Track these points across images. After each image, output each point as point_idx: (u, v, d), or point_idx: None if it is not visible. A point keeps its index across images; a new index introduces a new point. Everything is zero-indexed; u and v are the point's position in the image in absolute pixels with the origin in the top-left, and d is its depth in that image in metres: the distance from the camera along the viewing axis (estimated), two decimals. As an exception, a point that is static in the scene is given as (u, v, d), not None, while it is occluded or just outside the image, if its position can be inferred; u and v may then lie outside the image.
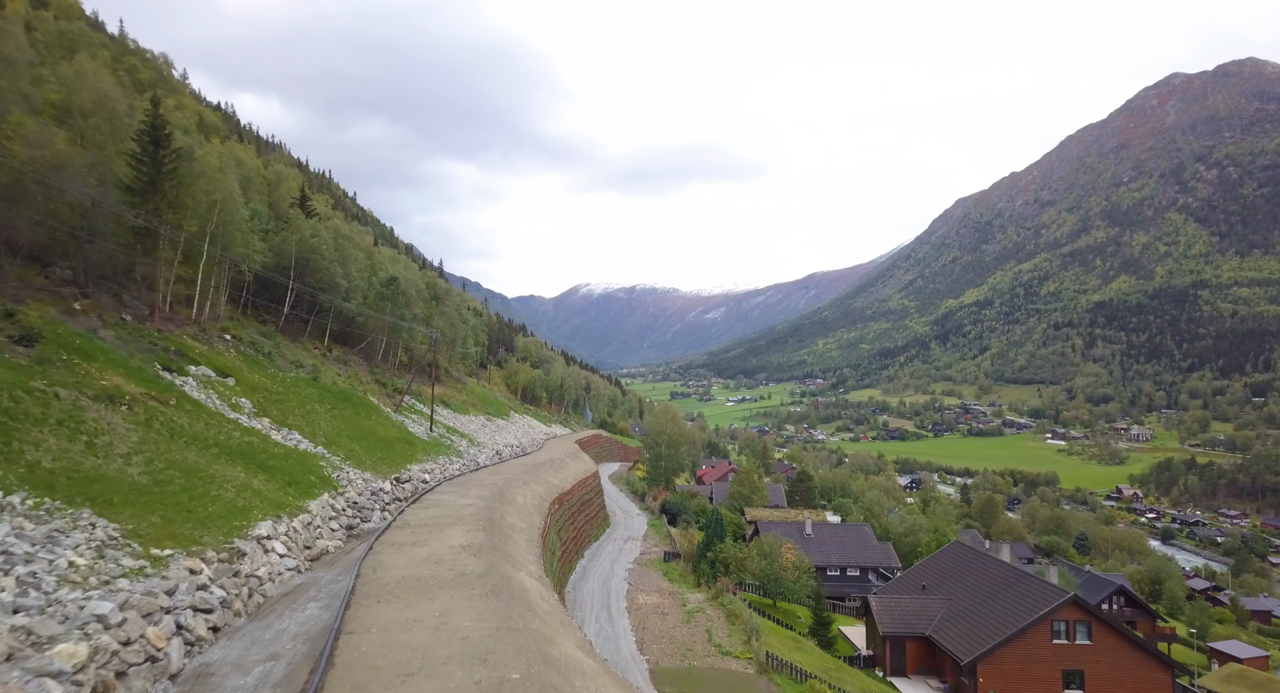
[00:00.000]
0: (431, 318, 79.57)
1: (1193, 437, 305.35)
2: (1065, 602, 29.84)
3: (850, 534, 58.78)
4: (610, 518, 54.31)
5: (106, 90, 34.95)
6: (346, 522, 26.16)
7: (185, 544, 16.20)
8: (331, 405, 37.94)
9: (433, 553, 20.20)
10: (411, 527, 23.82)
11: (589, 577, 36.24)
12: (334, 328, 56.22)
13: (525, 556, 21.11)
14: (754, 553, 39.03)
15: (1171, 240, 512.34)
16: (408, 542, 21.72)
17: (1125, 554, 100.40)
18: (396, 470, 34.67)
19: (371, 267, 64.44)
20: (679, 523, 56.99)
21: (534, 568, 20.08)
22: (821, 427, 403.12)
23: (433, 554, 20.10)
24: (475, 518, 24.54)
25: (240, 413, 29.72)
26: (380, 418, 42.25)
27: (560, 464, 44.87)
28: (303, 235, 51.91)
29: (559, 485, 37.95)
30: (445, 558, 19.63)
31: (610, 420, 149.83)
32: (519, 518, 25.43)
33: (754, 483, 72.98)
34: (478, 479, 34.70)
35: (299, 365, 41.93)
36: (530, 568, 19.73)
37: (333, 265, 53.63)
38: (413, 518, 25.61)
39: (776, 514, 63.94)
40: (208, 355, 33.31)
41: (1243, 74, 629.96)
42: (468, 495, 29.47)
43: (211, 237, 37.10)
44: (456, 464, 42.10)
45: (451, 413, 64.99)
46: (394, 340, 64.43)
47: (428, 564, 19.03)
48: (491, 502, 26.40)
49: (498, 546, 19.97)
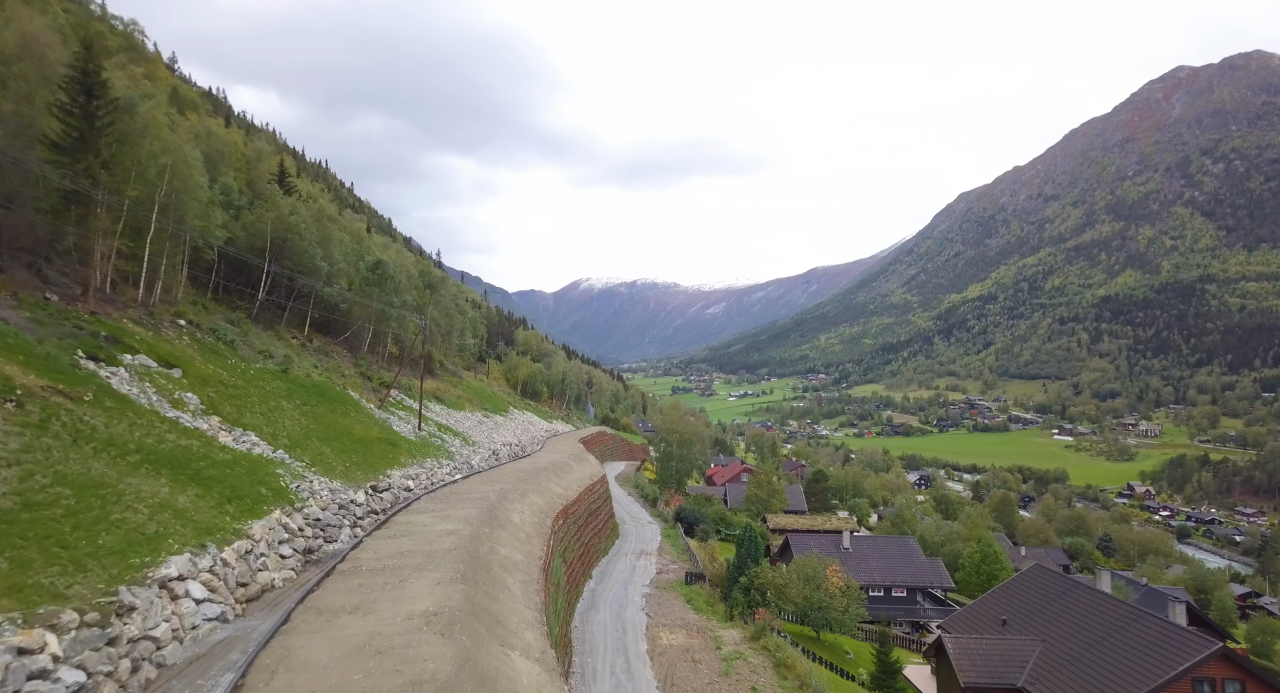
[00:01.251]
0: (425, 307, 74.65)
1: (1202, 433, 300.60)
2: (1213, 655, 22.29)
3: (894, 549, 51.93)
4: (619, 527, 49.29)
5: (35, 34, 29.89)
6: (305, 544, 21.29)
7: (34, 601, 11.32)
8: (302, 401, 33.05)
9: (378, 632, 13.71)
10: (362, 573, 17.82)
11: (599, 605, 30.94)
12: (315, 316, 51.29)
13: (521, 617, 15.70)
14: (794, 577, 33.19)
15: (1178, 234, 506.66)
16: (346, 607, 15.25)
17: (1161, 558, 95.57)
18: (374, 477, 29.80)
19: (358, 250, 59.47)
20: (696, 533, 51.25)
21: (533, 637, 14.47)
22: (825, 422, 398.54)
23: (377, 636, 13.52)
24: (455, 555, 18.70)
25: (183, 410, 24.82)
26: (360, 415, 37.37)
27: (564, 468, 39.68)
28: (280, 213, 46.91)
29: (563, 494, 32.98)
30: (395, 644, 13.06)
31: (613, 416, 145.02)
32: (514, 548, 20.28)
33: (772, 485, 67.09)
34: (467, 490, 29.61)
35: (268, 356, 37.02)
36: (528, 639, 14.14)
37: (312, 247, 48.66)
38: (369, 556, 19.42)
39: (802, 521, 58.71)
40: (151, 342, 28.39)
41: (1249, 67, 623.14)
42: (451, 515, 23.75)
43: (162, 207, 32.11)
44: (447, 467, 37.23)
45: (445, 409, 60.13)
46: (383, 330, 59.47)
47: (364, 659, 12.34)
48: (479, 527, 21.24)
49: (482, 607, 14.62)
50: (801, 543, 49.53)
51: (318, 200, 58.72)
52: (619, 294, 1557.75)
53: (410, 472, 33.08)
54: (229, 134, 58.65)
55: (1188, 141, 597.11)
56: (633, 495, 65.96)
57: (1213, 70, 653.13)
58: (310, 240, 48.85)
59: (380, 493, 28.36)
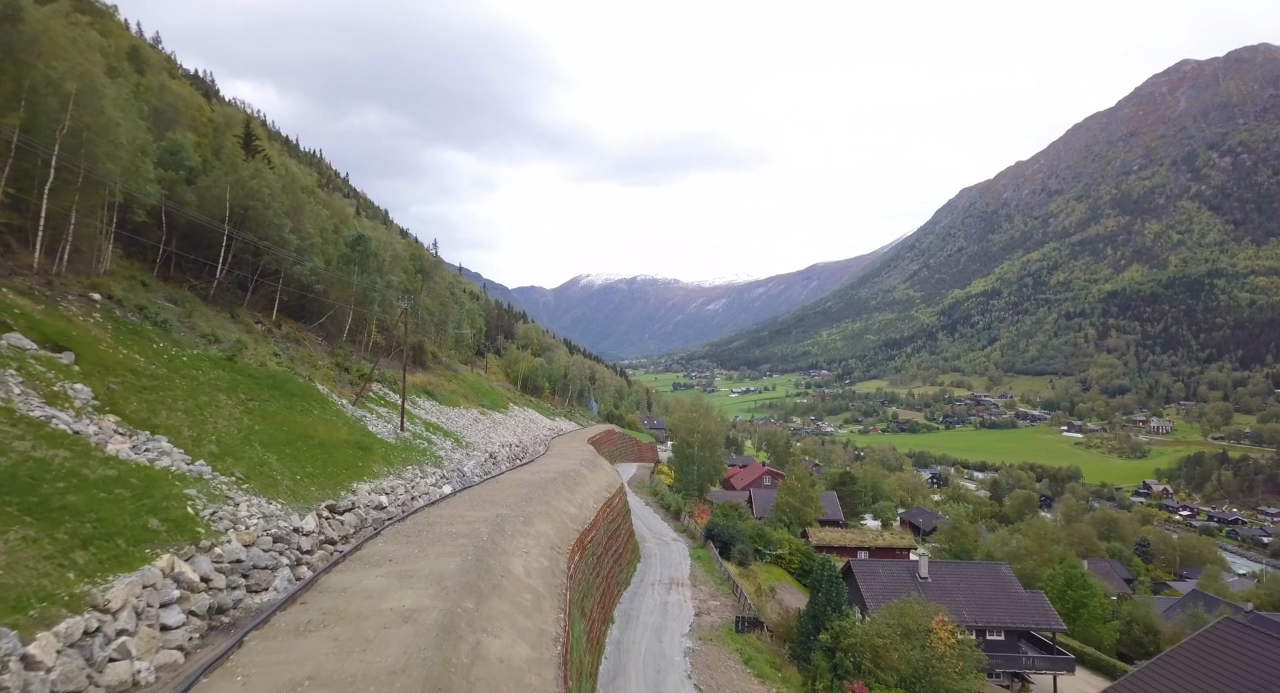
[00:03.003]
0: (417, 293, 67.81)
1: (1215, 429, 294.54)
2: None
3: (984, 578, 40.84)
4: (639, 545, 41.89)
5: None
6: (209, 601, 14.57)
7: None
8: (248, 396, 26.27)
9: None
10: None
11: (628, 669, 22.76)
12: (285, 298, 44.42)
13: None
14: (889, 629, 24.64)
15: (1185, 229, 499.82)
16: None
17: (1214, 568, 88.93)
18: (334, 494, 23.05)
19: (339, 227, 52.60)
20: (733, 554, 42.11)
21: None
22: (829, 419, 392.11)
23: None
24: (412, 658, 10.75)
25: (62, 407, 18.06)
26: (327, 413, 30.57)
27: (575, 478, 32.27)
28: (240, 177, 40.06)
29: (578, 516, 25.45)
30: None
31: (617, 413, 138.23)
32: (516, 635, 12.55)
33: (806, 492, 58.99)
34: (451, 517, 21.66)
35: (212, 341, 30.19)
36: None
37: (279, 217, 41.80)
38: (260, 672, 10.68)
39: (849, 537, 51.00)
40: (39, 318, 21.62)
41: (1256, 60, 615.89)
42: (417, 573, 15.39)
43: (68, 149, 25.25)
44: (432, 477, 30.48)
45: (437, 406, 53.38)
46: (366, 315, 52.54)
47: None
48: (459, 599, 13.25)
49: None
50: (868, 572, 39.63)
51: (290, 168, 51.73)
52: (619, 290, 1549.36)
53: (384, 484, 26.33)
54: (189, 93, 51.67)
55: (1194, 135, 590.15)
56: (651, 505, 57.72)
57: (1218, 64, 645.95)
58: (277, 211, 42.00)
59: (340, 515, 21.61)
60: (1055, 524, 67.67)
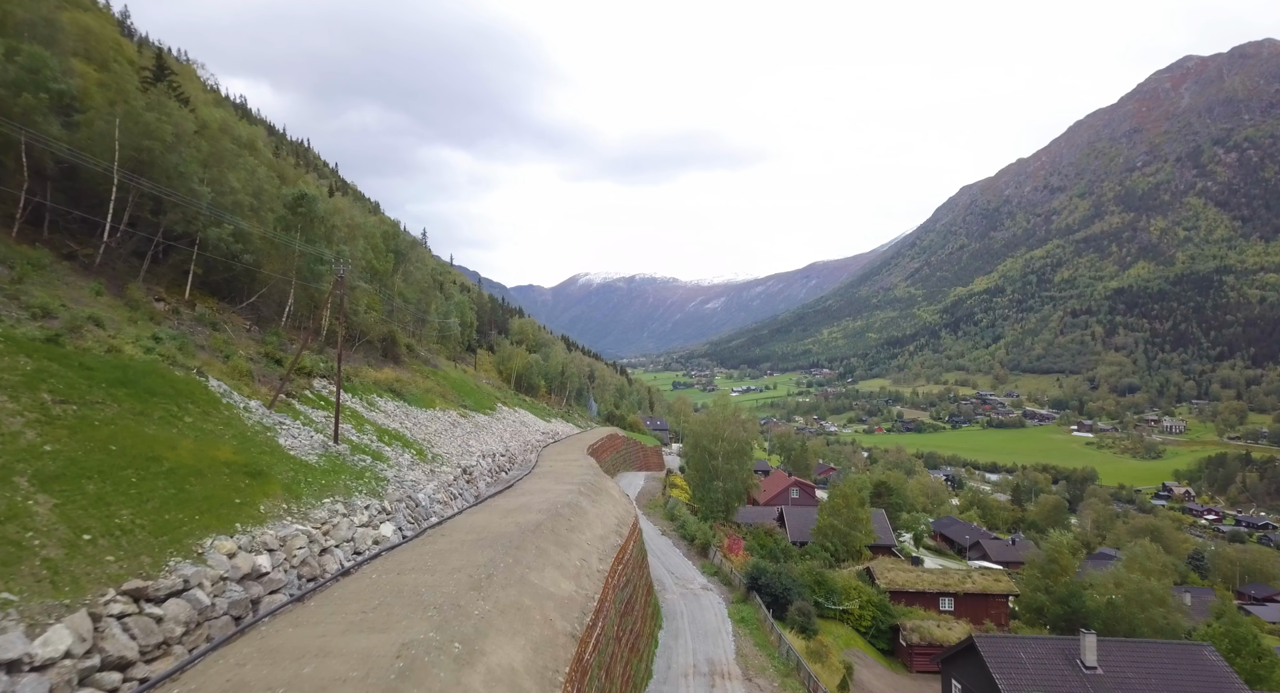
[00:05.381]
0: (388, 275, 58.25)
1: (1231, 429, 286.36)
2: None
3: (1177, 667, 27.23)
4: (659, 598, 29.93)
5: None
6: None
7: None
8: (59, 397, 16.79)
9: None
10: None
11: None
12: (202, 271, 34.78)
13: None
14: None
15: (1191, 225, 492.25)
16: None
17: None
18: (159, 559, 13.53)
19: (280, 190, 42.94)
20: (790, 614, 30.32)
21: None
22: (832, 418, 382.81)
23: None
24: None
25: None
26: (209, 421, 21.04)
27: (571, 519, 20.78)
28: (132, 108, 30.54)
29: (573, 599, 15.21)
30: None
31: (618, 413, 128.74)
32: None
33: (855, 512, 48.25)
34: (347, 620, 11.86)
35: (42, 315, 20.66)
36: None
37: (188, 165, 32.24)
38: None
39: (926, 578, 38.97)
40: None
41: (1260, 55, 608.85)
42: None
43: None
44: (363, 514, 20.96)
45: (403, 407, 43.88)
46: (316, 296, 42.71)
47: None
48: None
49: None
50: (1003, 657, 26.20)
51: (216, 111, 42.01)
52: (618, 289, 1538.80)
53: (277, 532, 16.84)
54: (97, 25, 41.86)
55: (1199, 131, 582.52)
56: (668, 534, 45.25)
57: (1222, 59, 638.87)
58: (186, 157, 32.45)
59: (148, 609, 12.02)
60: (1153, 547, 58.20)
